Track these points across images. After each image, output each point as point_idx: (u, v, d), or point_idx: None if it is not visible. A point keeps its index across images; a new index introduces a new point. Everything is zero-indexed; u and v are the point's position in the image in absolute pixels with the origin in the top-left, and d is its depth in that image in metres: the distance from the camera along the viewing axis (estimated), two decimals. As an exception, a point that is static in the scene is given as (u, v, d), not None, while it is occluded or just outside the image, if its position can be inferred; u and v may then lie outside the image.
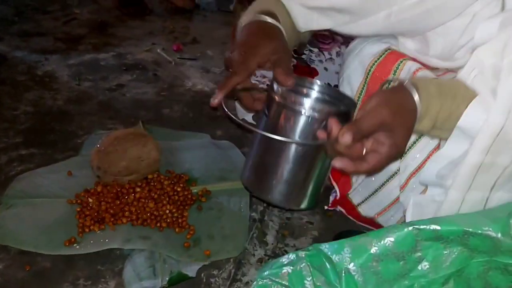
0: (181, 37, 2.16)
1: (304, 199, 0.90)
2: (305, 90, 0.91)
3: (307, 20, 1.00)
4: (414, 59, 0.95)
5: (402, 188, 0.97)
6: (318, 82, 0.93)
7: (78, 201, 1.14)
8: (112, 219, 1.09)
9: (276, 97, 0.83)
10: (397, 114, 0.72)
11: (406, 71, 0.93)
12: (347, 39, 1.13)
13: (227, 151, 1.40)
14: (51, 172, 1.24)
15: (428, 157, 0.93)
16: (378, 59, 0.97)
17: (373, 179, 1.04)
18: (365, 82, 1.00)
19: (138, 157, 1.19)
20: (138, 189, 1.15)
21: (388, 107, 0.72)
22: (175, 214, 1.12)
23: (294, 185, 0.87)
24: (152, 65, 1.89)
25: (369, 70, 0.98)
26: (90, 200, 1.13)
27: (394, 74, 0.94)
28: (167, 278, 0.97)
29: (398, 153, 0.75)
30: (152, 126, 1.45)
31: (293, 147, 0.84)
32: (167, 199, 1.15)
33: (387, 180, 1.02)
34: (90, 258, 1.02)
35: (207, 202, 1.20)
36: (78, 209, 1.11)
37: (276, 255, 1.10)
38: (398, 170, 0.97)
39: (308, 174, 0.87)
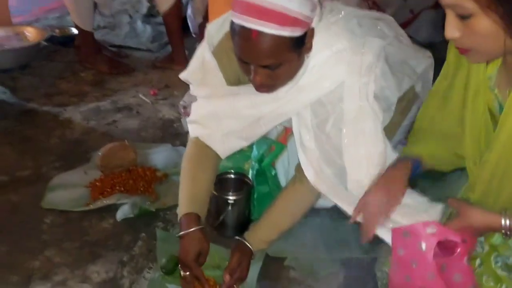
0: (157, 85, 3.03)
1: None
2: None
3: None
4: None
5: None
6: None
7: (91, 185, 1.99)
8: (110, 192, 1.93)
9: None
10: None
11: None
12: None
13: (182, 152, 2.24)
14: (74, 172, 2.09)
15: None
16: None
17: None
18: None
19: (123, 158, 2.04)
20: (123, 175, 2.00)
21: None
22: (145, 186, 1.97)
23: None
24: (136, 106, 2.75)
25: None
26: (97, 183, 1.98)
27: None
28: (137, 211, 1.82)
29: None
30: (134, 142, 2.30)
31: None
32: (140, 179, 1.99)
33: None
34: (99, 212, 1.87)
35: (167, 180, 2.05)
36: (91, 188, 1.96)
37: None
38: None
39: None
